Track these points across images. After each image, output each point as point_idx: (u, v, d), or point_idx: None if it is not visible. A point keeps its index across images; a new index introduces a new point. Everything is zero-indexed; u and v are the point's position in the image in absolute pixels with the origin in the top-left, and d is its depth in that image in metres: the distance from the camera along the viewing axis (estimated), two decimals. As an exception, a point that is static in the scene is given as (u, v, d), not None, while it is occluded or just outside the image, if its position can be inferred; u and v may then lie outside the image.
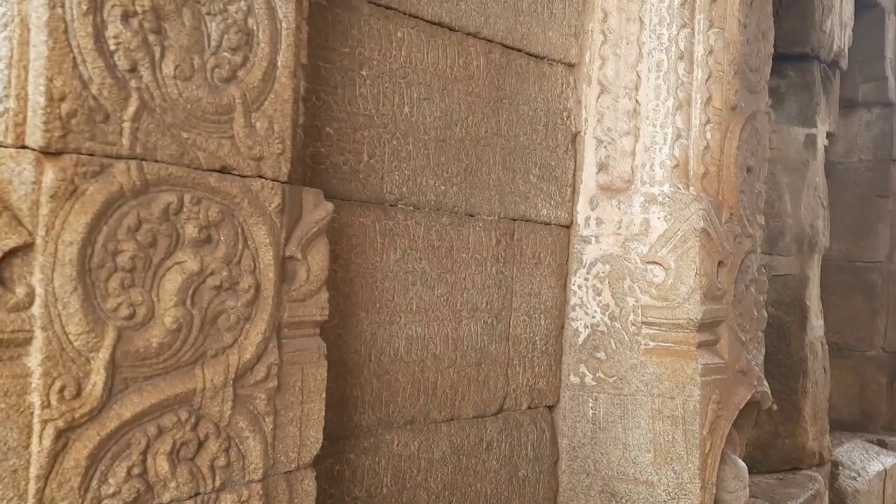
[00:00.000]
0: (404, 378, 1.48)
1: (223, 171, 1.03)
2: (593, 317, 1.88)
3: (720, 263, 1.77)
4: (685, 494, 1.71)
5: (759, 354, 1.94)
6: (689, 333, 1.73)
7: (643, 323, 1.79)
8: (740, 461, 1.89)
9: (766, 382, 1.94)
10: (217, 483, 1.04)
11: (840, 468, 3.76)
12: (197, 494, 1.01)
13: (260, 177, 1.07)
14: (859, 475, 3.84)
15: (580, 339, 1.90)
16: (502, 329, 1.73)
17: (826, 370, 3.71)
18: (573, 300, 1.92)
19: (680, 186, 1.75)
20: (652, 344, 1.78)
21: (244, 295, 1.05)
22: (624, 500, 1.79)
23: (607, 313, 1.85)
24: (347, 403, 1.38)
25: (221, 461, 1.04)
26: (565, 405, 1.92)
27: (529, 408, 1.83)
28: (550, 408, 1.91)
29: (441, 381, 1.57)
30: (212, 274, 1.01)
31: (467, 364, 1.63)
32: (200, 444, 1.02)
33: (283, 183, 1.09)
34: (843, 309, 4.53)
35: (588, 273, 1.89)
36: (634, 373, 1.80)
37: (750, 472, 3.53)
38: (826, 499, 3.47)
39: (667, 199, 1.76)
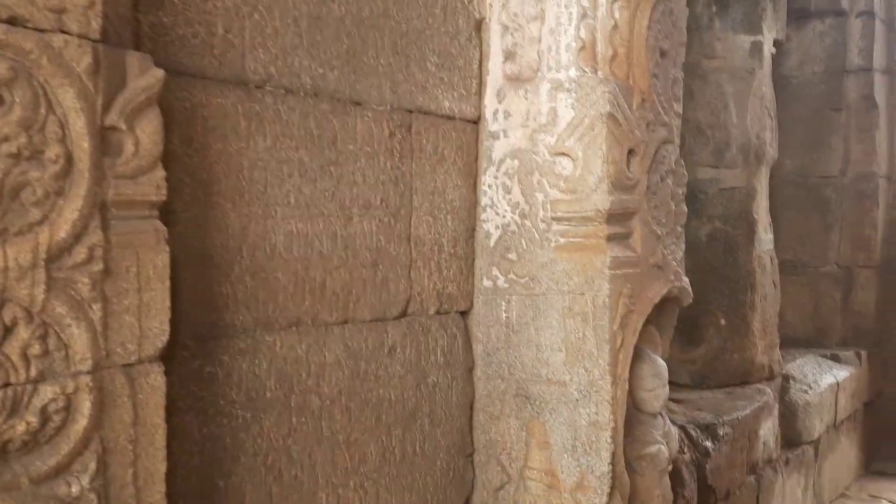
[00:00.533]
0: (285, 277, 1.39)
1: (12, 22, 0.90)
2: (504, 217, 1.79)
3: (631, 152, 1.67)
4: (596, 391, 1.65)
5: (677, 250, 1.86)
6: (598, 226, 1.65)
7: (553, 219, 1.70)
8: (659, 360, 1.83)
9: (685, 278, 1.88)
10: (33, 373, 0.94)
11: (791, 382, 3.76)
12: (7, 385, 0.92)
13: (63, 31, 0.94)
14: (811, 388, 3.85)
15: (492, 241, 1.82)
16: (402, 229, 1.63)
17: (776, 284, 3.68)
18: (484, 200, 1.83)
19: (587, 70, 1.64)
20: (563, 240, 1.70)
21: (52, 166, 0.94)
22: (538, 402, 1.73)
23: (517, 212, 1.76)
24: (217, 301, 1.28)
25: (36, 349, 0.94)
26: (479, 310, 1.84)
27: (438, 313, 1.75)
28: (463, 313, 1.84)
29: (331, 281, 1.48)
30: (6, 140, 0.90)
31: (361, 265, 1.54)
32: (7, 330, 0.92)
33: (94, 41, 0.97)
34: (797, 225, 4.50)
35: (497, 171, 1.80)
36: (545, 271, 1.72)
37: (699, 388, 3.53)
38: (775, 411, 3.48)
39: (573, 84, 1.66)
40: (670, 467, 1.84)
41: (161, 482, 1.07)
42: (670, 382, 3.57)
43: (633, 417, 1.80)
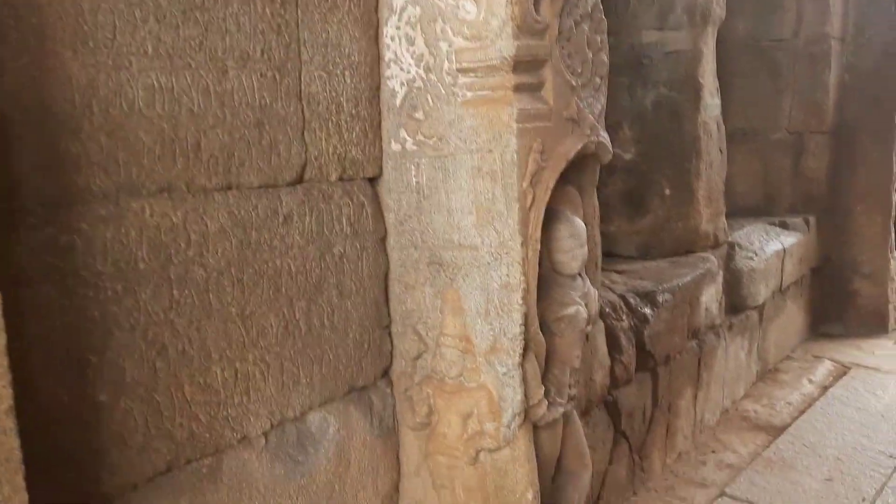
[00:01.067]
0: (149, 136, 1.26)
1: None
2: (409, 72, 1.65)
3: (539, -9, 1.53)
4: (507, 252, 1.58)
5: (595, 103, 1.75)
6: (504, 76, 1.52)
7: (459, 71, 1.57)
8: (577, 220, 1.75)
9: (604, 133, 1.77)
10: None
11: (737, 249, 3.76)
12: None
13: None
14: (757, 255, 3.86)
15: (398, 100, 1.69)
16: (290, 85, 1.49)
17: (722, 151, 3.61)
18: (387, 55, 1.68)
19: None
20: (469, 94, 1.57)
21: None
22: (451, 269, 1.66)
23: (422, 65, 1.63)
24: (66, 163, 1.15)
25: None
26: (388, 176, 1.73)
27: (342, 179, 1.64)
28: (372, 180, 1.73)
29: (206, 142, 1.35)
30: None
31: (243, 125, 1.41)
32: None
33: None
34: (748, 91, 4.39)
35: (399, 20, 1.64)
36: (453, 130, 1.60)
37: (643, 258, 3.52)
38: (720, 278, 3.49)
39: (474, -86, 1.48)
40: (589, 328, 1.80)
41: None
42: (616, 254, 3.58)
43: (550, 280, 1.75)
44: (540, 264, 1.72)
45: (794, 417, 3.51)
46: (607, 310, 2.75)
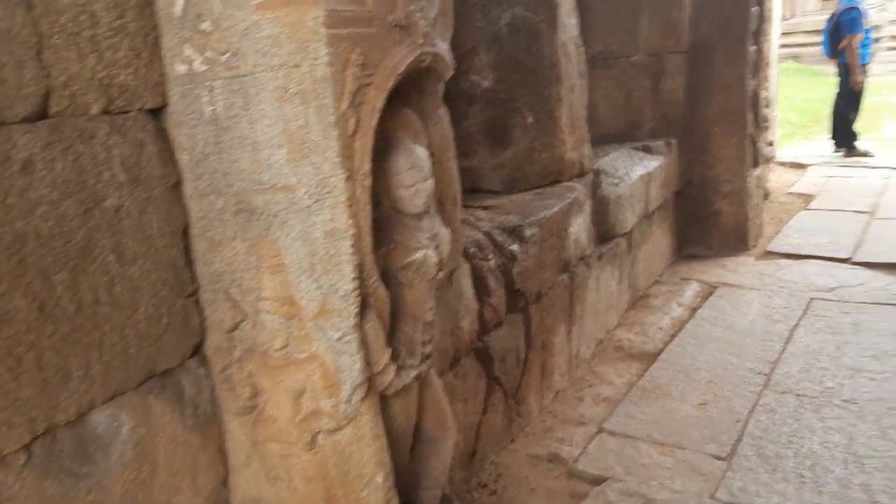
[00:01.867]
0: None
1: None
2: (186, -32, 1.29)
3: None
4: (329, 192, 1.28)
5: (430, 7, 1.46)
6: (304, -34, 1.20)
7: (248, -37, 1.23)
8: (419, 149, 1.47)
9: (442, 44, 1.49)
10: None
11: (603, 176, 3.64)
12: None
13: None
14: (622, 181, 3.76)
15: (178, 7, 1.32)
16: (9, -14, 1.10)
17: (582, 75, 3.43)
18: (156, -52, 1.31)
19: None
20: (264, -7, 1.23)
21: None
22: (264, 216, 1.34)
23: (202, -42, 1.27)
24: None
25: None
26: (176, 106, 1.38)
27: (108, 112, 1.27)
28: (154, 112, 1.37)
29: None
30: None
31: (-66, 39, 1.02)
32: None
33: None
34: (607, 15, 4.23)
35: None
36: (249, 41, 1.26)
37: (509, 192, 3.32)
38: (587, 207, 3.35)
39: None
40: (440, 274, 1.55)
41: None
42: (480, 190, 3.36)
43: (393, 221, 1.47)
44: (379, 203, 1.45)
45: (667, 343, 3.49)
46: (472, 249, 2.53)
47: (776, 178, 6.89)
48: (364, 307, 1.35)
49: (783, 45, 21.25)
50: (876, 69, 16.96)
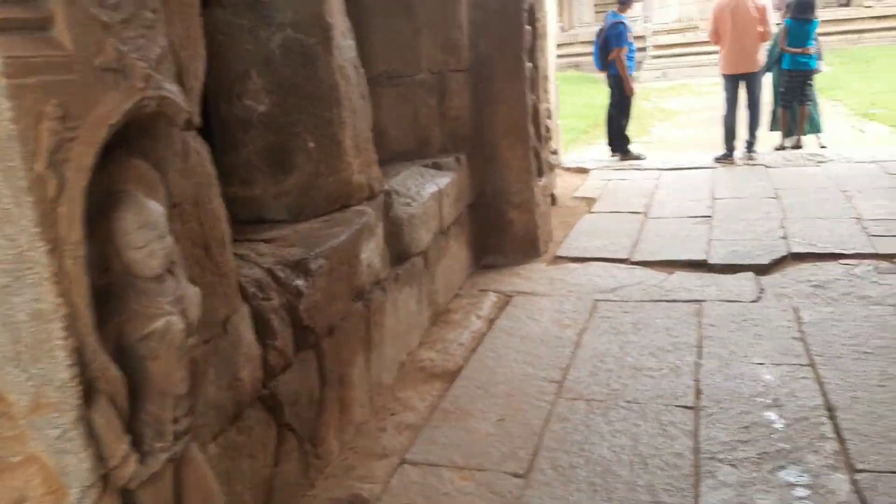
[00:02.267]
0: None
1: None
2: None
3: None
4: (29, 268, 1.08)
5: (151, 45, 1.29)
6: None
7: None
8: (153, 204, 1.30)
9: (170, 86, 1.33)
10: None
11: (395, 197, 3.60)
12: None
13: None
14: (414, 200, 3.75)
15: None
16: None
17: (364, 96, 3.37)
18: None
19: None
20: (-77, 35, 1.01)
21: None
22: (-49, 301, 1.11)
23: None
24: None
25: None
26: None
27: None
28: None
29: None
30: None
31: None
32: None
33: None
34: (389, 34, 4.22)
35: None
36: None
37: (296, 221, 3.17)
38: (380, 230, 3.29)
39: None
40: (191, 340, 1.39)
41: None
42: (265, 220, 3.18)
43: (127, 286, 1.29)
44: (108, 268, 1.26)
45: (467, 358, 3.53)
46: (252, 290, 2.37)
47: (563, 183, 7.32)
48: (90, 394, 1.16)
49: (564, 55, 22.90)
50: (644, 76, 18.82)
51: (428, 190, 3.95)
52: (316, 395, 2.64)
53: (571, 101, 14.50)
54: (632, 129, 9.44)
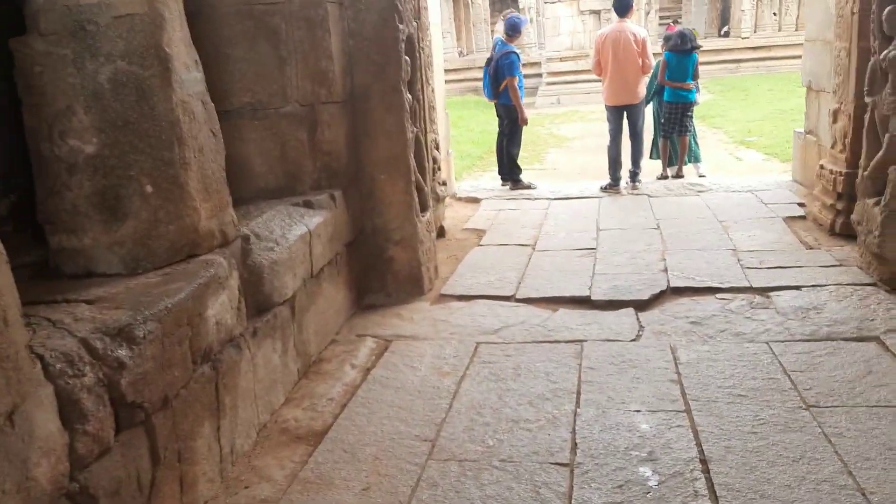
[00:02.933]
0: None
1: None
2: None
3: None
4: None
5: None
6: None
7: None
8: None
9: None
10: None
11: (255, 242, 3.31)
12: None
13: None
14: (279, 244, 3.47)
15: None
16: None
17: (216, 133, 3.08)
18: None
19: None
20: None
21: None
22: None
23: None
24: None
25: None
26: None
27: None
28: None
29: None
30: None
31: None
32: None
33: None
34: (252, 63, 3.94)
35: None
36: None
37: (132, 274, 2.82)
38: (234, 280, 2.99)
39: None
40: None
41: None
42: (95, 274, 2.79)
43: None
44: None
45: (337, 415, 3.26)
46: (59, 366, 2.03)
47: (455, 214, 7.20)
48: None
49: (462, 80, 23.12)
50: (539, 102, 19.21)
51: (296, 231, 3.68)
52: (146, 478, 2.31)
53: (468, 125, 14.57)
54: (526, 156, 9.47)
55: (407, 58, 4.69)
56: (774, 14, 24.25)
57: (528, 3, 22.75)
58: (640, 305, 4.35)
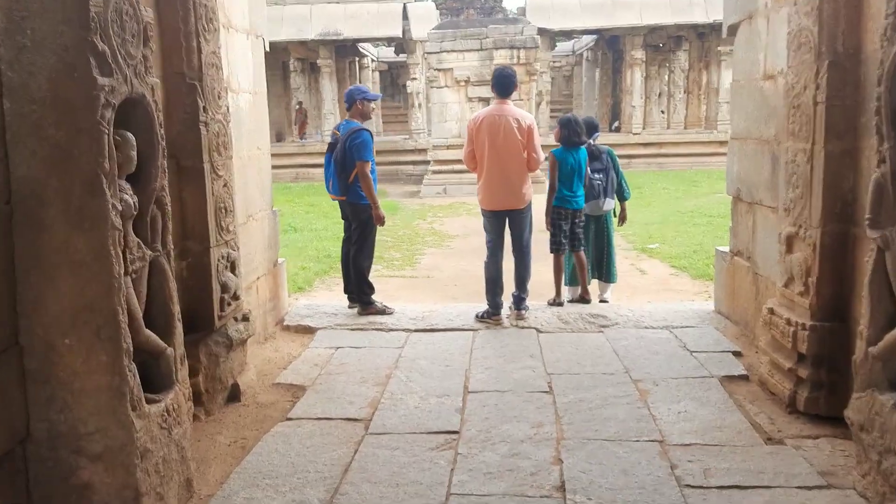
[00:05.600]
0: None
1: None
2: None
3: None
4: None
5: None
6: None
7: None
8: None
9: None
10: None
11: None
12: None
13: None
14: None
15: None
16: None
17: None
18: None
19: None
20: None
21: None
22: None
23: None
24: None
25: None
26: None
27: None
28: None
29: None
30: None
31: None
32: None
33: None
34: None
35: None
36: None
37: None
38: None
39: None
40: None
41: None
42: None
43: None
44: None
45: None
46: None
47: (271, 355, 5.13)
48: None
49: (301, 165, 21.30)
50: (425, 191, 17.66)
51: None
52: None
53: (327, 213, 12.51)
54: (398, 258, 7.57)
55: (129, 133, 2.72)
56: (662, 112, 24.23)
57: (416, 88, 21.54)
58: None
